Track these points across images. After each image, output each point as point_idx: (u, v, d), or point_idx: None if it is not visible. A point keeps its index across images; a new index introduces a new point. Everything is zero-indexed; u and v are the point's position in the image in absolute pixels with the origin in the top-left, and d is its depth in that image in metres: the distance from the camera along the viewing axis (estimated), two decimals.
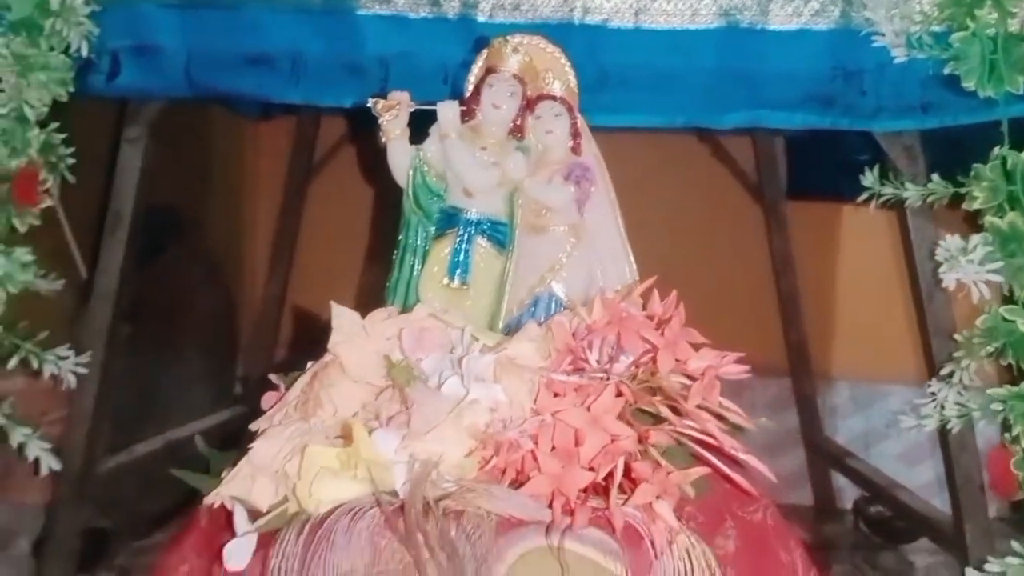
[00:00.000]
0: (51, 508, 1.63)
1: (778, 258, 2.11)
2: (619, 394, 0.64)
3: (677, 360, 0.66)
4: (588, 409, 0.63)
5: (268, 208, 2.28)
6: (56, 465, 1.28)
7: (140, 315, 1.70)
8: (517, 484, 0.64)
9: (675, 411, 0.65)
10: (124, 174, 1.44)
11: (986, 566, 1.05)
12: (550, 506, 0.62)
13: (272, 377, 0.84)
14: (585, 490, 0.63)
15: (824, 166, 2.05)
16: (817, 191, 2.13)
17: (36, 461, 1.27)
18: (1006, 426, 1.09)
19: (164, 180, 1.53)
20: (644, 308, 0.72)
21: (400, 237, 0.94)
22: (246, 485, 0.69)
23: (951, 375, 1.15)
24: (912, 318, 1.81)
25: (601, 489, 0.63)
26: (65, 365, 1.26)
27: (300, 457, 0.66)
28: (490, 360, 0.69)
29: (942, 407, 1.17)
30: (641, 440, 0.62)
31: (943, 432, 1.41)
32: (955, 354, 1.14)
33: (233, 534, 0.70)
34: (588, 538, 0.62)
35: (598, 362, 0.68)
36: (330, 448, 0.66)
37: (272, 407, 0.80)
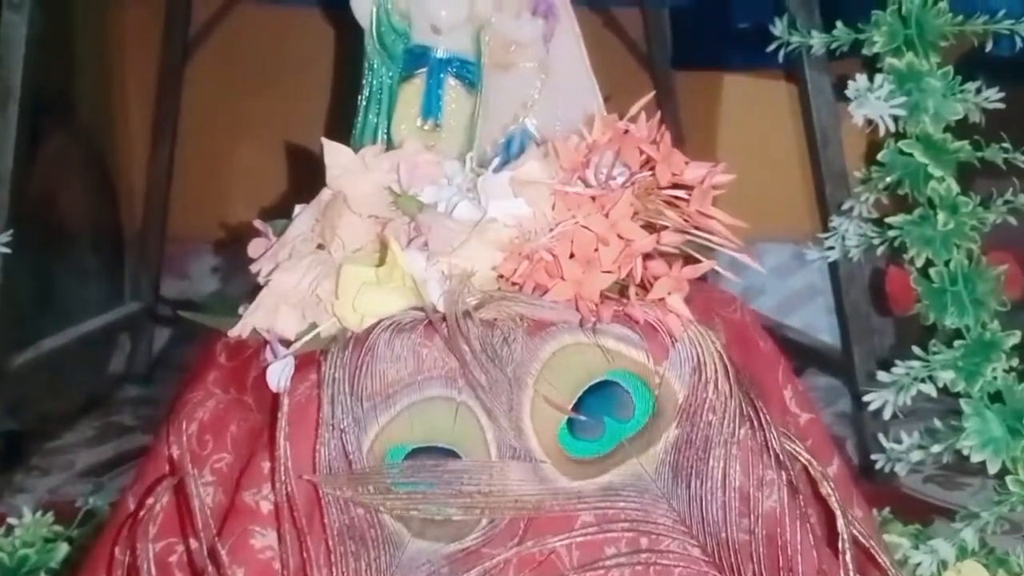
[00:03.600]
0: None
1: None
2: None
3: (673, 173, 0.72)
4: (607, 216, 0.68)
5: (143, 92, 2.14)
6: None
7: (20, 209, 1.59)
8: (540, 293, 0.69)
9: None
10: (9, 44, 1.33)
11: (878, 377, 1.20)
12: (575, 309, 0.68)
13: (257, 223, 0.83)
14: (602, 294, 0.69)
15: (708, 36, 2.14)
16: (701, 62, 2.23)
17: None
18: (903, 249, 1.23)
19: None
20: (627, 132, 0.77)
21: (364, 82, 0.93)
22: (270, 315, 0.70)
23: (851, 210, 1.28)
24: (786, 181, 1.97)
25: (618, 290, 0.69)
26: None
27: (334, 279, 0.68)
28: (506, 178, 0.72)
29: (843, 239, 1.31)
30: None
31: (834, 267, 1.59)
32: (855, 189, 1.26)
33: (253, 365, 0.72)
34: (612, 332, 0.68)
35: (597, 178, 0.72)
36: (366, 266, 0.68)
37: (264, 251, 0.80)
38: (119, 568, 0.61)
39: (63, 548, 1.18)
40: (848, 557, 0.65)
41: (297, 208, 0.82)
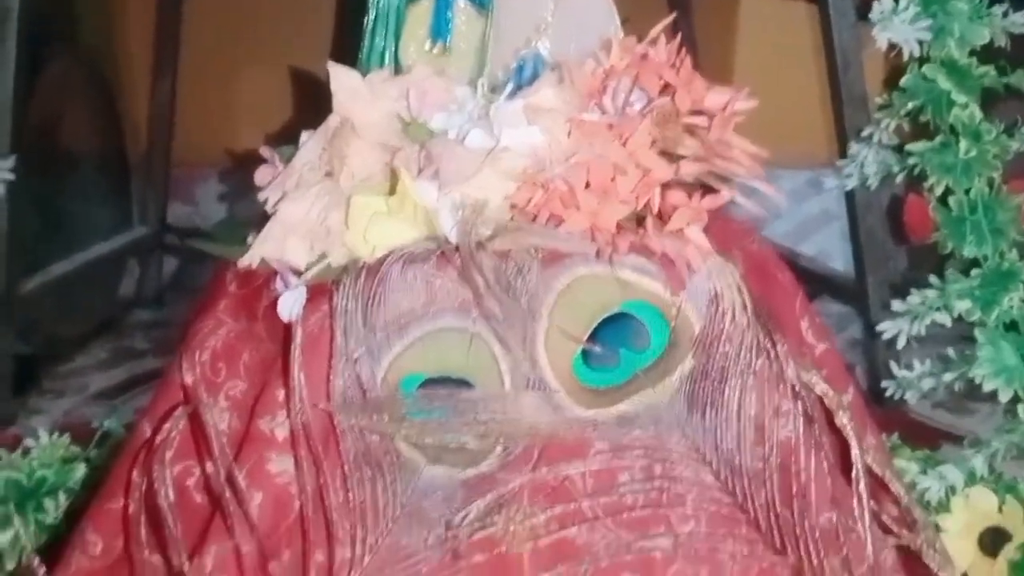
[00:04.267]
0: None
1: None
2: None
3: (693, 99, 0.70)
4: (624, 145, 0.66)
5: (146, 15, 2.08)
6: None
7: (23, 135, 1.57)
8: (555, 223, 0.68)
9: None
10: None
11: (892, 306, 1.20)
12: (591, 240, 0.67)
13: (263, 150, 0.81)
14: (618, 225, 0.68)
15: None
16: None
17: None
18: (922, 177, 1.21)
19: None
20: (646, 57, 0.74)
21: (370, 3, 0.90)
22: (278, 246, 0.69)
23: (870, 136, 1.25)
24: (804, 105, 1.92)
25: (635, 221, 0.68)
26: None
27: (343, 209, 0.67)
28: (520, 105, 0.70)
29: (862, 166, 1.28)
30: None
31: (851, 195, 1.56)
32: (875, 115, 1.23)
33: (264, 295, 0.71)
34: (628, 263, 0.67)
35: (614, 105, 0.70)
36: (377, 196, 0.67)
37: (271, 179, 0.78)
38: (137, 491, 0.62)
39: (80, 468, 1.20)
40: (862, 487, 0.66)
41: (304, 135, 0.80)
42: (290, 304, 0.66)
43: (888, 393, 1.20)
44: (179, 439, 0.68)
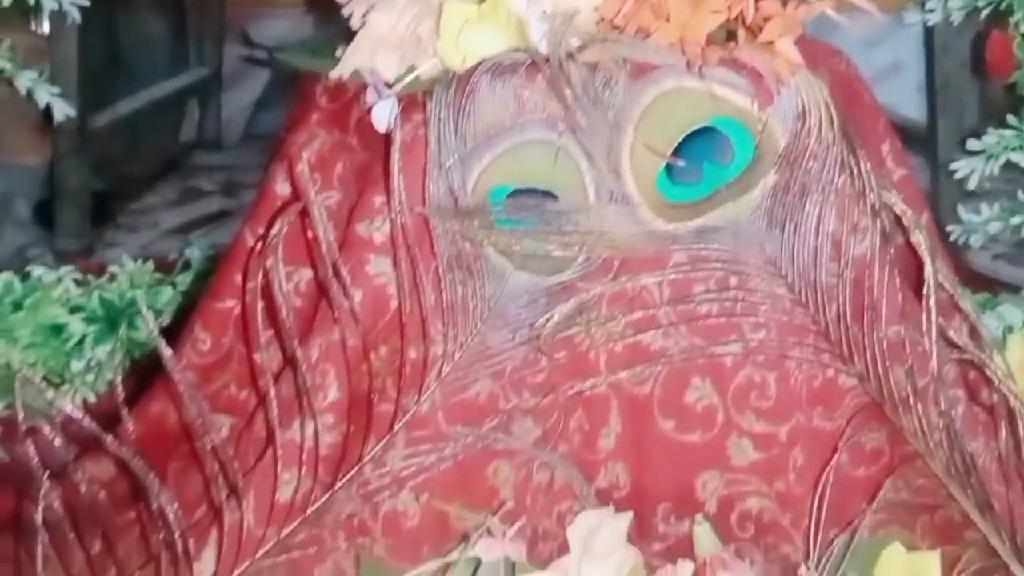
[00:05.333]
0: (56, 162, 1.62)
1: None
2: None
3: None
4: None
5: None
6: (70, 110, 1.25)
7: None
8: (643, 35, 0.68)
9: None
10: None
11: (967, 145, 1.17)
12: (680, 52, 0.67)
13: None
14: (708, 37, 0.67)
15: None
16: None
17: (46, 110, 1.24)
18: (1008, 13, 1.16)
19: None
20: None
21: None
22: (368, 58, 0.70)
23: None
24: None
25: (725, 34, 0.67)
26: None
27: (434, 18, 0.68)
28: None
29: (945, 1, 1.23)
30: None
31: (929, 34, 1.50)
32: None
33: (355, 108, 0.73)
34: (717, 77, 0.67)
35: None
36: (469, 3, 0.67)
37: None
38: (251, 295, 0.66)
39: (167, 291, 1.28)
40: (932, 301, 0.68)
41: None
42: (385, 114, 0.67)
43: (953, 237, 1.20)
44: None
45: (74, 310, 1.21)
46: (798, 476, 0.73)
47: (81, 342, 1.19)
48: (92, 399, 1.17)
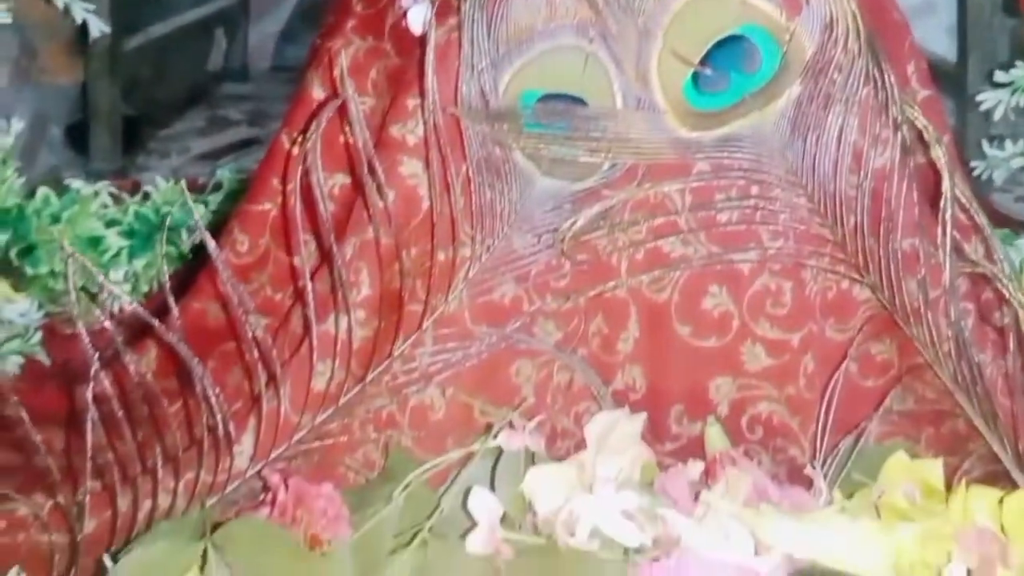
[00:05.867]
0: (89, 83, 1.64)
1: None
2: None
3: None
4: None
5: None
6: (105, 27, 1.27)
7: None
8: None
9: None
10: None
11: (995, 77, 1.17)
12: None
13: None
14: None
15: None
16: None
17: (83, 28, 1.26)
18: None
19: None
20: None
21: None
22: None
23: None
24: None
25: None
26: None
27: None
28: None
29: None
30: None
31: None
32: None
33: (390, 13, 0.75)
34: None
35: None
36: None
37: None
38: (292, 196, 0.68)
39: (200, 208, 1.31)
40: (948, 215, 0.70)
41: None
42: (420, 17, 0.69)
43: (976, 172, 1.21)
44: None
45: (110, 224, 1.25)
46: (808, 382, 0.76)
47: (118, 255, 1.23)
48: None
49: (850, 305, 0.77)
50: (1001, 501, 0.69)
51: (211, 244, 0.67)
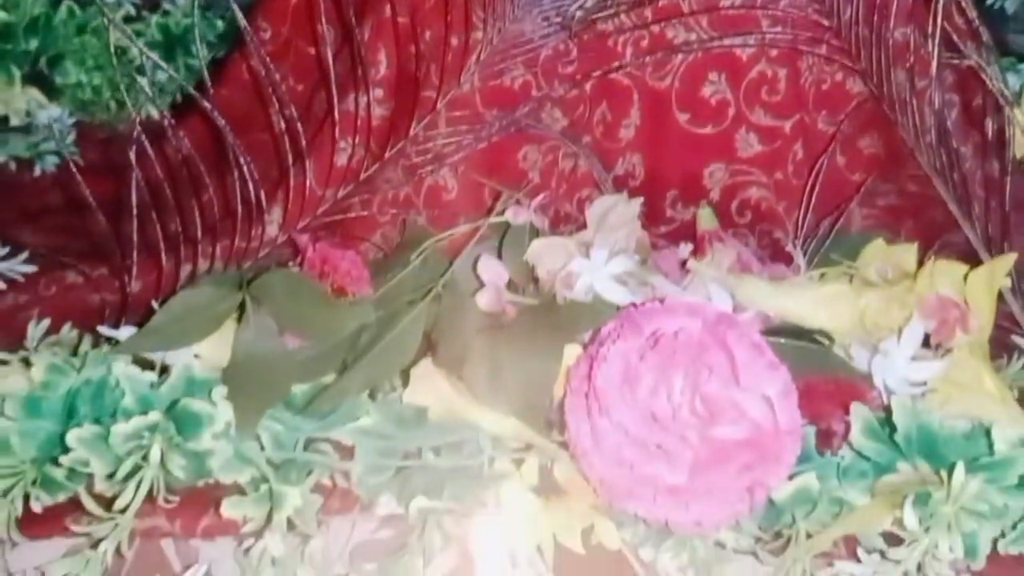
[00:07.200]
0: None
1: None
2: None
3: None
4: None
5: None
6: None
7: None
8: None
9: None
10: None
11: None
12: None
13: None
14: None
15: None
16: None
17: None
18: None
19: None
20: None
21: None
22: None
23: None
24: None
25: None
26: None
27: None
28: None
29: None
30: None
31: None
32: None
33: None
34: None
35: None
36: None
37: None
38: None
39: (218, 23, 1.33)
40: (940, 4, 0.72)
41: None
42: None
43: (989, 2, 1.21)
44: None
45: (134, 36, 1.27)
46: (796, 169, 0.81)
47: (142, 66, 1.26)
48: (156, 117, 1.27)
49: (844, 100, 0.81)
50: (966, 277, 0.75)
51: (242, 21, 0.71)
